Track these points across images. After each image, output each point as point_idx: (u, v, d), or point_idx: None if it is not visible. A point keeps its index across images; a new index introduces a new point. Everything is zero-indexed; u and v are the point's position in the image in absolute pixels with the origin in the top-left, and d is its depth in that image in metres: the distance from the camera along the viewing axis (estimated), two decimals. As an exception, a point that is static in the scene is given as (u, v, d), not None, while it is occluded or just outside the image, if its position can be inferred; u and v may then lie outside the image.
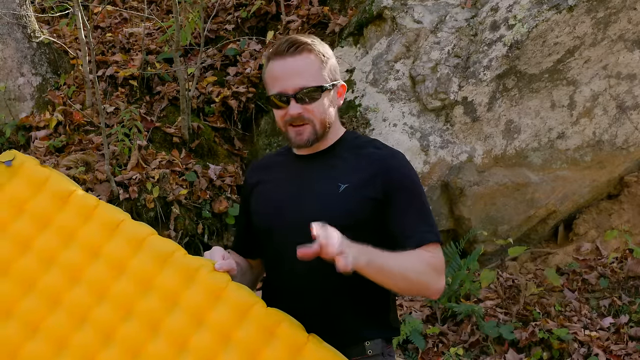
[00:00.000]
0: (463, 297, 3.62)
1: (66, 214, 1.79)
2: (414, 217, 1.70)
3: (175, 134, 4.23)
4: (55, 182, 1.82)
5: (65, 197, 1.80)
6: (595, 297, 3.63)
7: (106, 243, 1.74)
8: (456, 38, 3.78)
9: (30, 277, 1.73)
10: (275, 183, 1.82)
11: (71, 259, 1.74)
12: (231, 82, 4.59)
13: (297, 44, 1.71)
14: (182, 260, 1.69)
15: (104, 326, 1.66)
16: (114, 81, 4.47)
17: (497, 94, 3.71)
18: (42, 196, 1.80)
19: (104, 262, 1.73)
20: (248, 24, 4.95)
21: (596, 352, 3.17)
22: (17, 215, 1.79)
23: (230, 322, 1.61)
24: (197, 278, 1.65)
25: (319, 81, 1.71)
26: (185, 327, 1.62)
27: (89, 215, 1.78)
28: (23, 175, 1.83)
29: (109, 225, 1.76)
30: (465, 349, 3.31)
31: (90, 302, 1.69)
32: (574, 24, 3.57)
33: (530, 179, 3.86)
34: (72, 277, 1.73)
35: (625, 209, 4.08)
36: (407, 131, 3.78)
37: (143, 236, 1.73)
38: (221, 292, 1.63)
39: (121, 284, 1.69)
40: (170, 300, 1.65)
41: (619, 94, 3.83)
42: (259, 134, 4.46)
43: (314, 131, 1.72)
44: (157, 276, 1.68)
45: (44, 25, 5.09)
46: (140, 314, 1.66)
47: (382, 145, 1.79)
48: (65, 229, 1.77)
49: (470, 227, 3.86)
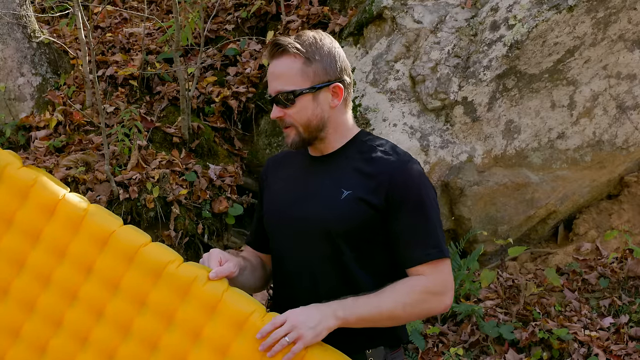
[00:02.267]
0: (463, 297, 3.62)
1: (55, 225, 1.72)
2: (413, 234, 1.65)
3: (175, 134, 4.23)
4: (40, 189, 1.73)
5: (52, 206, 1.72)
6: (595, 297, 3.63)
7: (98, 258, 1.69)
8: (456, 38, 3.78)
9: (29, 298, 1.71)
10: (285, 181, 1.81)
11: (65, 276, 1.70)
12: (231, 82, 4.59)
13: (278, 46, 1.68)
14: (175, 273, 1.63)
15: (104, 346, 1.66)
16: (114, 81, 4.47)
17: (497, 94, 3.71)
18: (29, 207, 1.73)
19: (97, 279, 1.68)
20: (248, 24, 4.95)
21: (596, 352, 3.17)
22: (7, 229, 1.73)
23: (227, 334, 1.57)
24: (191, 291, 1.61)
25: (296, 84, 1.67)
26: (183, 343, 1.60)
27: (77, 227, 1.71)
28: (6, 182, 1.73)
29: (99, 237, 1.69)
30: (465, 349, 3.31)
31: (90, 323, 1.68)
32: (574, 24, 3.57)
33: (530, 179, 3.86)
34: (68, 296, 1.70)
35: (625, 209, 4.08)
36: (407, 131, 3.78)
37: (135, 248, 1.67)
38: (217, 304, 1.59)
39: (116, 302, 1.66)
40: (165, 316, 1.62)
41: (619, 94, 3.83)
42: (259, 134, 4.46)
43: (298, 134, 1.70)
44: (151, 292, 1.64)
45: (44, 25, 5.09)
46: (137, 332, 1.64)
47: (392, 151, 1.73)
48: (55, 244, 1.71)
49: (470, 227, 3.87)
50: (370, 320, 1.59)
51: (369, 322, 1.60)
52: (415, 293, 1.62)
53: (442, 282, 1.65)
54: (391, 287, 1.62)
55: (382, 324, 1.63)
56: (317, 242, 1.67)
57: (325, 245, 1.67)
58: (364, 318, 1.57)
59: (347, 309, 1.56)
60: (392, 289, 1.62)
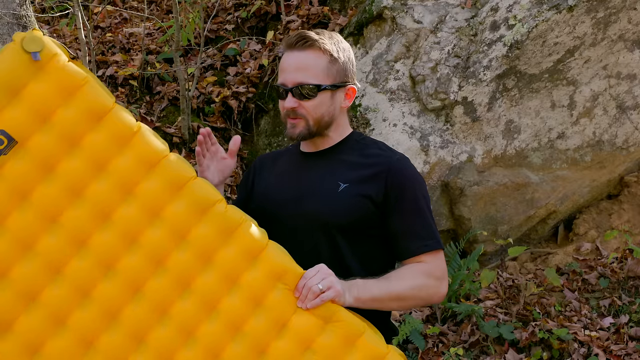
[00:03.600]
0: (463, 297, 3.62)
1: (98, 135, 1.53)
2: (411, 226, 1.70)
3: (175, 134, 4.23)
4: (89, 91, 1.53)
5: (100, 114, 1.54)
6: (595, 297, 3.63)
7: (142, 181, 1.55)
8: (456, 38, 3.78)
9: (55, 211, 1.52)
10: (279, 176, 1.83)
11: (103, 194, 1.53)
12: (231, 82, 4.59)
13: (306, 39, 1.71)
14: (222, 214, 1.57)
15: (133, 278, 1.54)
16: (114, 81, 4.48)
17: (497, 94, 3.71)
18: (73, 108, 1.52)
19: (137, 204, 1.55)
20: (248, 24, 4.95)
21: (596, 352, 3.17)
22: (41, 126, 1.51)
23: (264, 285, 1.56)
24: (235, 235, 1.57)
25: (320, 80, 1.70)
26: (218, 288, 1.56)
27: (125, 143, 1.54)
28: (51, 74, 1.51)
29: (147, 160, 1.55)
30: (465, 349, 3.31)
31: (121, 251, 1.54)
32: (574, 24, 3.57)
33: (530, 179, 3.86)
34: (101, 217, 1.54)
35: (625, 209, 4.08)
36: (407, 131, 3.78)
37: (184, 180, 1.56)
38: (259, 253, 1.57)
39: (153, 231, 1.55)
40: (205, 257, 1.56)
41: (619, 94, 3.83)
42: (259, 134, 4.46)
43: (307, 127, 1.73)
44: (193, 228, 1.55)
45: (44, 25, 5.09)
46: (172, 268, 1.55)
47: (386, 148, 1.79)
48: (96, 156, 1.53)
49: (470, 227, 3.86)
50: (380, 301, 1.64)
51: (378, 302, 1.64)
52: (420, 276, 1.68)
53: (439, 270, 1.72)
54: (396, 272, 1.68)
55: (389, 305, 1.69)
56: (314, 235, 1.69)
57: (322, 239, 1.69)
58: (375, 298, 1.62)
59: (360, 289, 1.61)
60: (397, 273, 1.68)
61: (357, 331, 1.58)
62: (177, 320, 1.55)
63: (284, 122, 1.77)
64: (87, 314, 1.53)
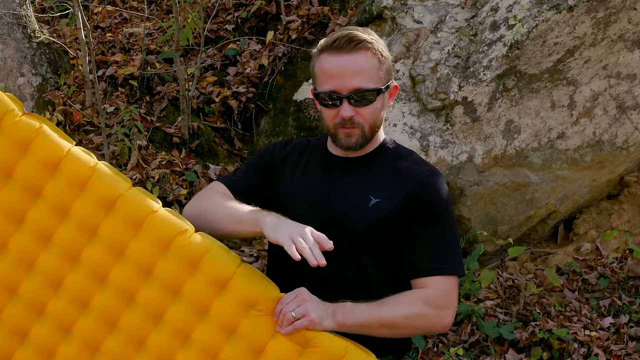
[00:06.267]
0: (463, 297, 3.62)
1: (57, 183, 1.59)
2: (429, 245, 1.61)
3: (175, 134, 4.23)
4: (43, 142, 1.58)
5: (55, 162, 1.59)
6: (595, 297, 3.63)
7: (103, 222, 1.58)
8: (456, 38, 3.78)
9: (28, 256, 1.62)
10: (308, 179, 1.72)
11: (67, 238, 1.60)
12: (231, 82, 4.59)
13: (356, 41, 1.58)
14: (184, 246, 1.56)
15: (106, 314, 1.62)
16: (114, 81, 4.48)
17: (497, 94, 3.71)
18: (30, 161, 1.59)
19: (100, 244, 1.59)
20: (248, 24, 4.95)
21: (596, 352, 3.17)
22: (6, 182, 1.60)
23: (236, 313, 1.55)
24: (200, 266, 1.56)
25: (376, 83, 1.59)
26: (189, 319, 1.57)
27: (81, 187, 1.59)
28: (6, 130, 1.58)
29: (104, 201, 1.58)
30: (465, 349, 3.31)
31: (92, 288, 1.61)
32: (574, 24, 3.57)
33: (530, 179, 3.86)
34: (69, 258, 1.61)
35: (625, 209, 4.08)
36: (407, 131, 3.78)
37: (143, 216, 1.57)
38: (227, 282, 1.55)
39: (119, 268, 1.60)
40: (172, 289, 1.58)
41: (619, 94, 3.83)
42: (259, 134, 4.46)
43: (363, 135, 1.62)
44: (158, 263, 1.57)
45: (44, 25, 5.09)
46: (142, 303, 1.59)
47: (421, 161, 1.69)
48: (58, 203, 1.59)
49: (470, 227, 3.87)
50: (368, 327, 1.54)
51: (366, 329, 1.55)
52: (417, 305, 1.58)
53: (446, 297, 1.60)
54: (394, 297, 1.58)
55: (380, 333, 1.57)
56: (337, 243, 1.56)
57: (345, 248, 1.62)
58: (362, 324, 1.53)
59: (346, 313, 1.53)
60: (395, 298, 1.58)
61: (336, 355, 1.51)
62: (154, 352, 1.60)
63: (332, 132, 1.64)
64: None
